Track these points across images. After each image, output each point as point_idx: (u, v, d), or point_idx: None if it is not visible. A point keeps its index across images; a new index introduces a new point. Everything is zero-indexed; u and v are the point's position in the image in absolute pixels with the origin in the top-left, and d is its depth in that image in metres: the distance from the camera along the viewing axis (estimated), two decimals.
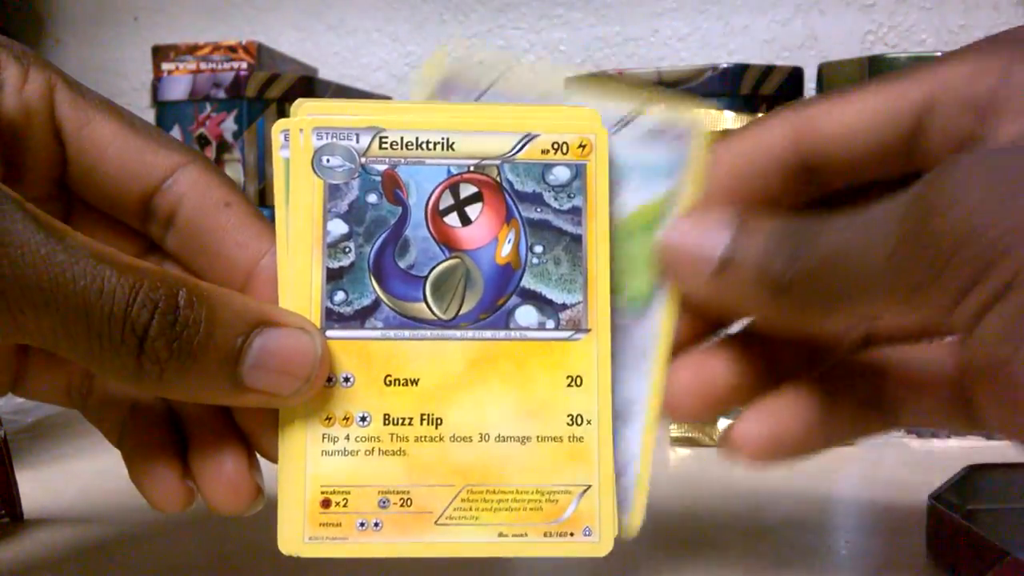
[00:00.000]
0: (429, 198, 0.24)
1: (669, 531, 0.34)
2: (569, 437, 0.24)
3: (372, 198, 0.24)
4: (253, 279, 0.25)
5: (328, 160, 0.24)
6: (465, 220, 0.24)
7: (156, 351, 0.21)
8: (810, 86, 0.72)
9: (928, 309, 0.20)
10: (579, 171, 0.25)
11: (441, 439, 0.24)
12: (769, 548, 0.33)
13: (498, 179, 0.25)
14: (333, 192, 0.24)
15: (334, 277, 0.24)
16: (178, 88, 0.74)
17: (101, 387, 0.27)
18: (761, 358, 0.26)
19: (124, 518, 0.35)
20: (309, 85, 0.76)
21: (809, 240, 0.22)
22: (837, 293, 0.21)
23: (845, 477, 0.41)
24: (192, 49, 0.79)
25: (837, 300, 0.22)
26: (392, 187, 0.24)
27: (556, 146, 0.24)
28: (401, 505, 0.24)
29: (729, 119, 0.58)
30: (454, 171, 0.24)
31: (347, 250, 0.24)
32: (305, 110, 0.25)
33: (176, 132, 0.74)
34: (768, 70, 0.64)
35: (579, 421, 0.24)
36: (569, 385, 0.24)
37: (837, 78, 0.61)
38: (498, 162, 0.25)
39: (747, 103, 0.64)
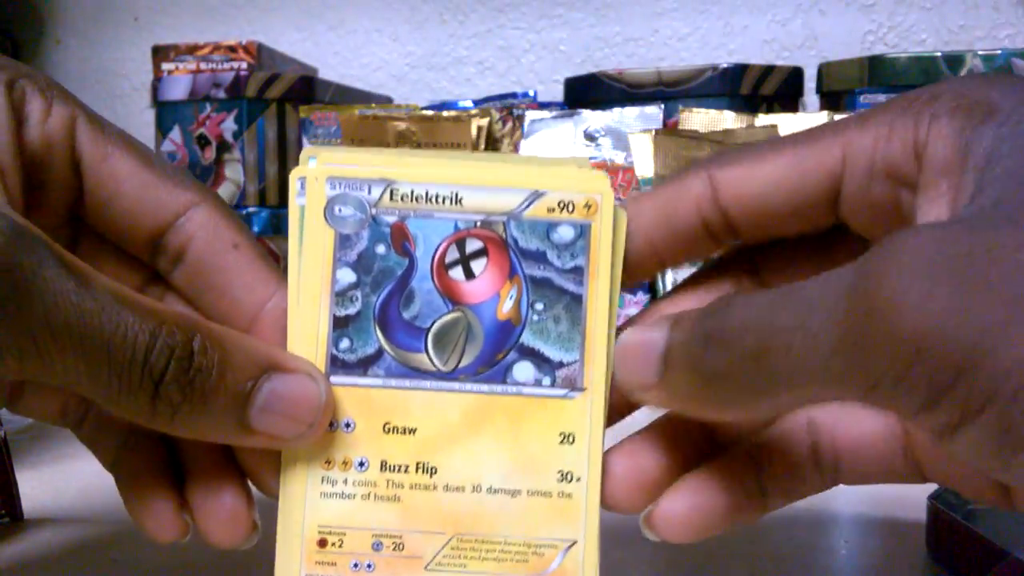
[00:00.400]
0: (436, 251, 0.25)
1: None
2: (559, 493, 0.25)
3: (381, 249, 0.25)
4: (258, 322, 0.25)
5: (340, 210, 0.25)
6: (469, 274, 0.25)
7: (170, 395, 0.22)
8: (810, 86, 0.72)
9: (888, 407, 0.19)
10: (583, 231, 0.25)
11: (435, 488, 0.25)
12: (769, 548, 0.33)
13: (503, 235, 0.25)
14: (343, 241, 0.25)
15: (340, 324, 0.25)
16: (178, 88, 0.74)
17: (97, 411, 0.27)
18: (695, 435, 0.25)
19: (124, 518, 0.35)
20: (309, 85, 0.76)
21: (732, 323, 0.20)
22: (775, 379, 0.20)
23: None
24: (192, 49, 0.79)
25: (776, 387, 0.20)
26: (400, 239, 0.25)
27: (562, 205, 0.25)
28: (394, 549, 0.25)
29: (729, 119, 0.58)
30: (461, 226, 0.25)
31: (354, 299, 0.25)
32: (322, 159, 0.25)
33: (176, 132, 0.74)
34: (768, 70, 0.64)
35: (569, 478, 0.25)
36: (561, 442, 0.25)
37: (837, 78, 0.61)
38: (504, 218, 0.25)
39: (747, 103, 0.64)
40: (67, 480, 0.40)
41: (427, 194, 0.25)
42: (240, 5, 0.98)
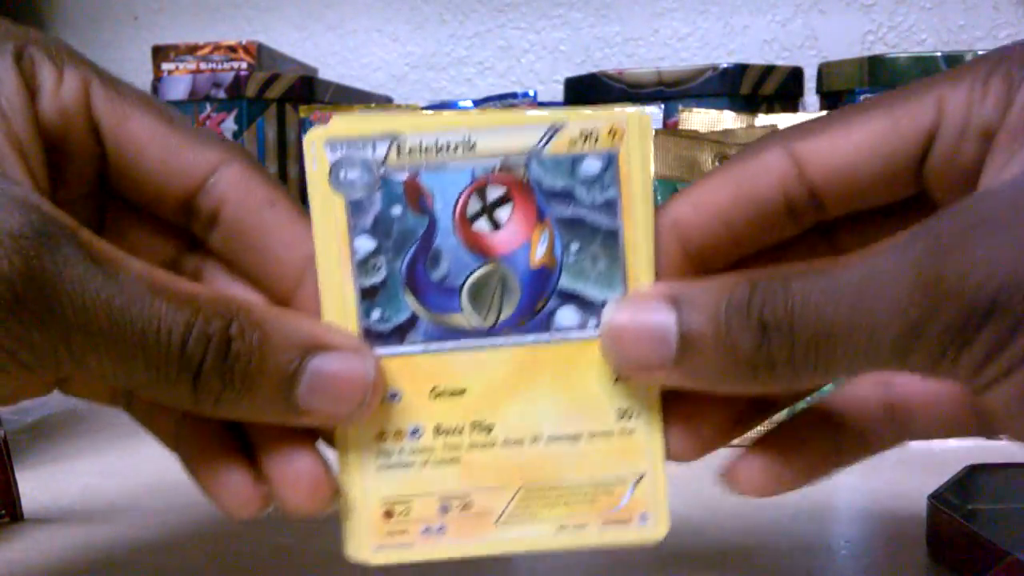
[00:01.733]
0: (456, 204, 0.23)
1: (669, 531, 0.34)
2: (619, 431, 0.24)
3: (396, 209, 0.23)
4: (305, 280, 0.24)
5: (346, 174, 0.23)
6: (495, 224, 0.24)
7: (210, 383, 0.21)
8: (810, 86, 0.72)
9: (949, 371, 0.19)
10: (611, 160, 0.23)
11: (493, 444, 0.24)
12: (770, 547, 0.33)
13: (526, 178, 0.23)
14: (355, 207, 0.23)
15: (368, 295, 0.24)
16: (178, 88, 0.74)
17: None
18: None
19: (124, 518, 0.35)
20: (309, 85, 0.76)
21: (782, 309, 0.20)
22: (834, 362, 0.20)
23: (845, 477, 0.41)
24: (192, 49, 0.79)
25: (833, 368, 0.21)
26: (415, 196, 0.23)
27: (585, 135, 0.23)
28: (461, 509, 0.24)
29: (729, 119, 0.58)
30: (479, 173, 0.23)
31: (377, 266, 0.23)
32: (336, 120, 0.24)
33: None
34: (768, 70, 0.64)
35: (628, 415, 0.24)
36: (616, 380, 0.24)
37: (837, 78, 0.61)
38: (524, 159, 0.23)
39: (747, 103, 0.64)
40: (67, 480, 0.40)
41: (437, 143, 0.23)
42: (240, 5, 0.98)
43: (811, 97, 0.72)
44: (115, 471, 0.41)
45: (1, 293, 0.19)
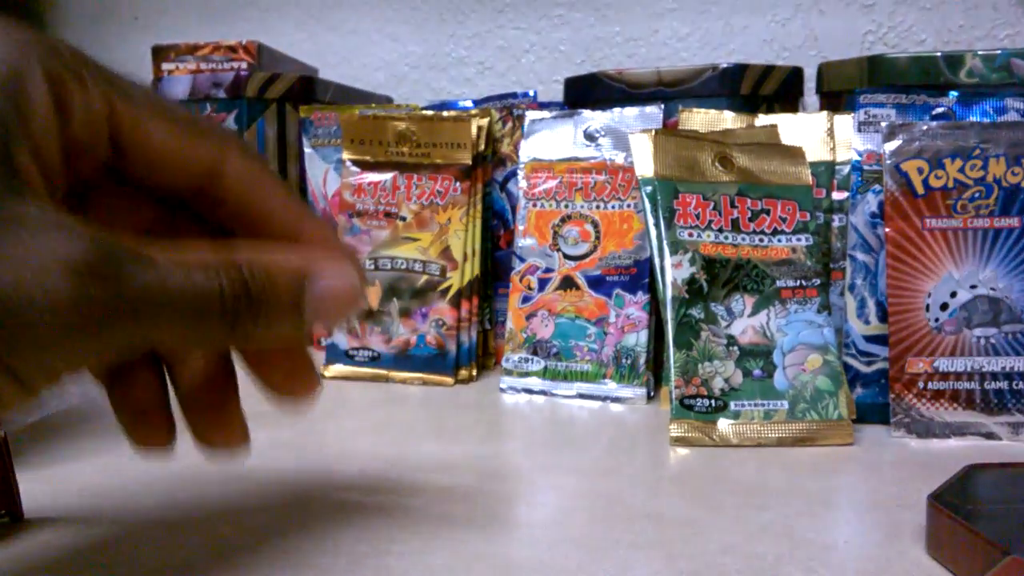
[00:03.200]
0: None
1: (668, 531, 0.34)
2: None
3: None
4: (301, 231, 0.29)
5: None
6: None
7: (243, 324, 0.25)
8: (810, 86, 0.72)
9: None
10: None
11: None
12: (769, 548, 0.33)
13: None
14: None
15: None
16: (178, 88, 0.74)
17: None
18: None
19: (124, 518, 0.35)
20: (309, 85, 0.76)
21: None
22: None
23: (845, 477, 0.41)
24: (192, 49, 0.79)
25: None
26: None
27: None
28: None
29: (729, 119, 0.58)
30: None
31: None
32: None
33: None
34: (768, 70, 0.64)
35: None
36: None
37: (837, 78, 0.61)
38: None
39: (747, 103, 0.64)
40: (67, 480, 0.40)
41: None
42: (240, 5, 0.98)
43: (811, 97, 0.72)
44: (115, 471, 0.41)
45: (93, 310, 0.22)
